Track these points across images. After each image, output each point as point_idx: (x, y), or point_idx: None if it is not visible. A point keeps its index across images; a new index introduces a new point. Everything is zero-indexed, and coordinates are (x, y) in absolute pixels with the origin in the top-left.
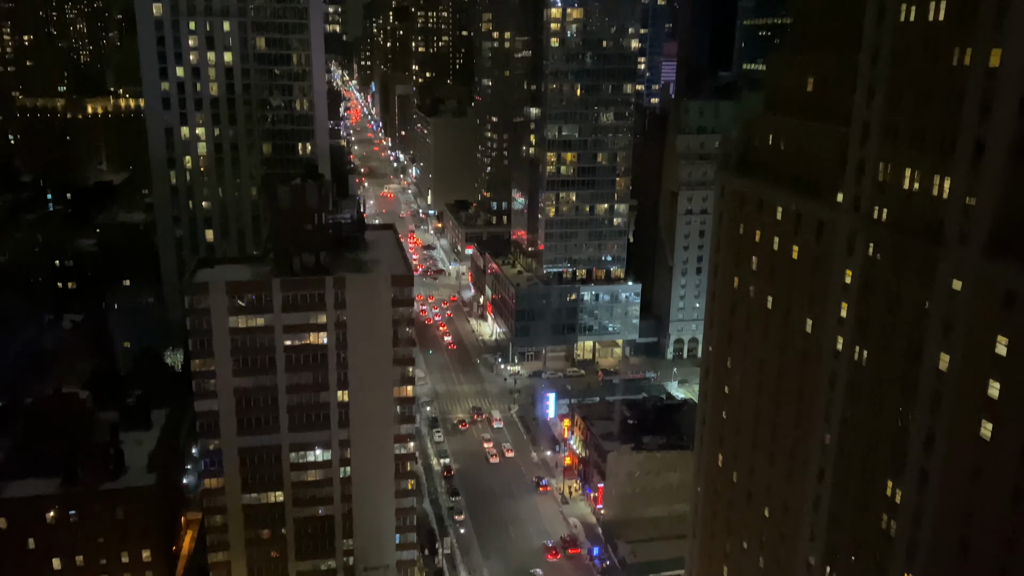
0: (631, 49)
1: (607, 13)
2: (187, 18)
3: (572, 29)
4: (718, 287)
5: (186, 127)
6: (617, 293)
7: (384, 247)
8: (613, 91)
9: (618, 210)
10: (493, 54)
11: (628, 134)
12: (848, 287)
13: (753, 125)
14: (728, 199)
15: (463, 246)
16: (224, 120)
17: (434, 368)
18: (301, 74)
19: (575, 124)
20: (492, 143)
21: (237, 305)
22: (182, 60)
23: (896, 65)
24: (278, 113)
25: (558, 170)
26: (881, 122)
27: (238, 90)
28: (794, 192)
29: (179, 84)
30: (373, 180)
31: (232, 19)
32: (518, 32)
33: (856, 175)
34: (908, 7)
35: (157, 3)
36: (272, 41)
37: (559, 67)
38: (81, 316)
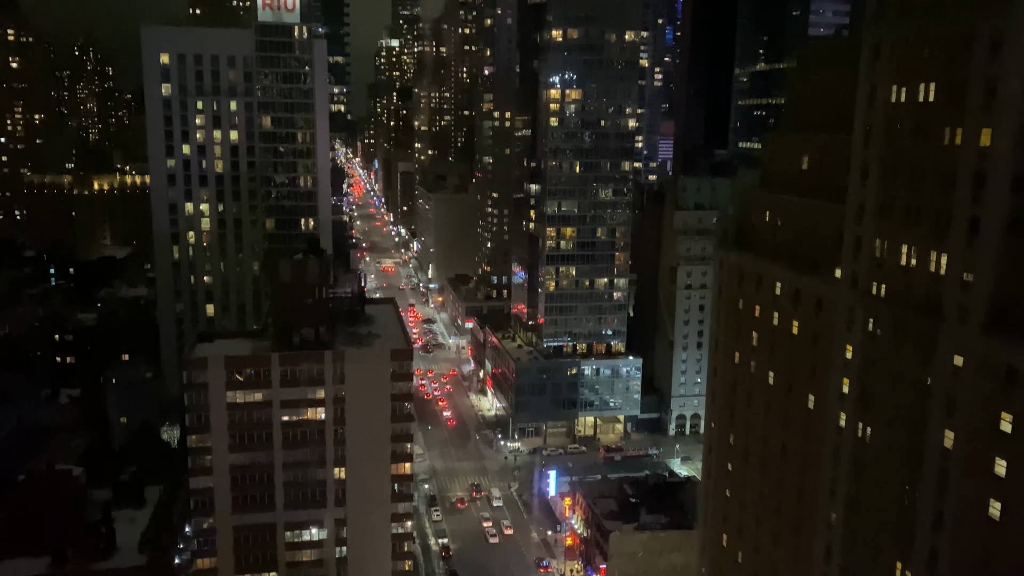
0: (628, 128)
1: (605, 94)
2: (195, 98)
3: (571, 109)
4: (719, 362)
5: (190, 203)
6: (618, 368)
7: (384, 321)
8: (611, 168)
9: (618, 284)
10: (494, 132)
11: (627, 210)
12: (849, 363)
13: (750, 202)
14: (726, 274)
15: (463, 320)
16: (228, 196)
17: (433, 444)
18: (306, 152)
19: (574, 200)
20: (492, 218)
21: (235, 380)
22: (189, 138)
23: (888, 145)
24: (282, 189)
25: (558, 245)
26: (876, 200)
27: (243, 167)
28: (792, 267)
29: (185, 161)
30: (375, 254)
31: (239, 99)
32: (518, 112)
33: (853, 251)
34: (898, 89)
35: (166, 84)
36: (278, 120)
37: (558, 145)
38: (78, 391)
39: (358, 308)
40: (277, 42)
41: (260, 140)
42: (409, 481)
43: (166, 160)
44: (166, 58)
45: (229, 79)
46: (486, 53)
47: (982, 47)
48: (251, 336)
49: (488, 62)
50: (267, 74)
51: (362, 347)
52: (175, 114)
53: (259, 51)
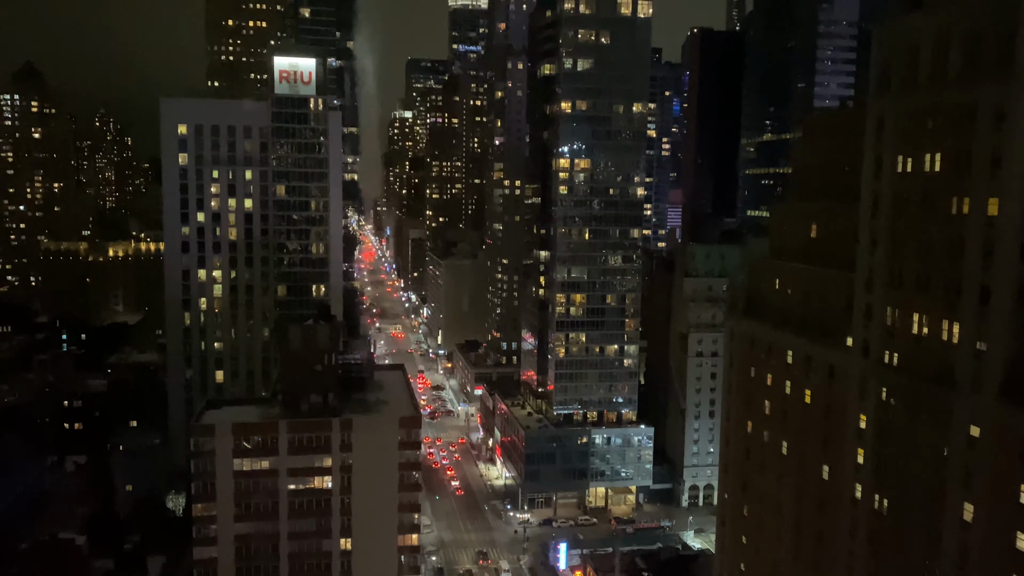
0: (637, 196)
1: (613, 163)
2: (211, 167)
3: (580, 177)
4: (731, 432)
5: (203, 270)
6: (629, 437)
7: (393, 387)
8: (620, 235)
9: (628, 351)
10: (504, 200)
11: (636, 277)
12: (863, 432)
13: (759, 270)
14: (737, 342)
15: (472, 387)
16: (241, 263)
17: (440, 515)
18: (318, 219)
19: (584, 267)
20: (502, 285)
21: (242, 447)
22: (204, 206)
23: (896, 214)
24: (294, 256)
25: (567, 311)
26: (885, 268)
27: (256, 234)
28: (803, 335)
29: (199, 228)
30: (385, 320)
31: (254, 168)
32: (528, 180)
33: (864, 320)
34: (904, 159)
35: (183, 153)
36: (292, 189)
37: (568, 213)
38: (84, 458)
39: (367, 375)
40: (293, 113)
41: (274, 208)
42: (416, 553)
43: (181, 227)
44: (184, 128)
45: (245, 149)
46: (496, 124)
47: (986, 118)
48: (260, 403)
49: (499, 132)
50: (283, 144)
51: (370, 414)
52: (191, 183)
53: (275, 122)
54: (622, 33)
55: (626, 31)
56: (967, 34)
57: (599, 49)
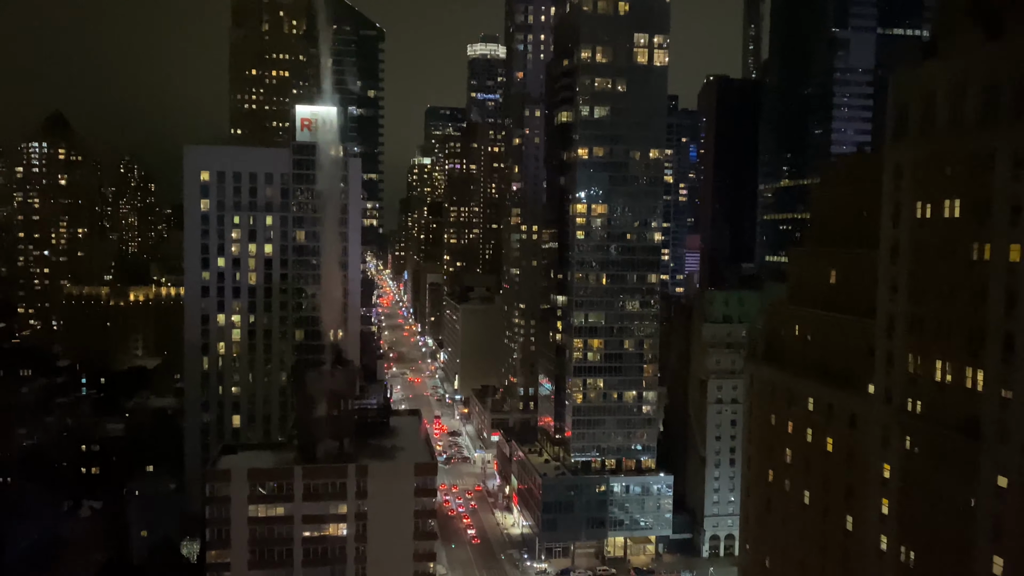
0: (654, 241)
1: (630, 208)
2: (232, 213)
3: (597, 223)
4: (752, 480)
5: (222, 314)
6: (648, 485)
7: (409, 433)
8: (638, 280)
9: (647, 398)
10: (521, 245)
11: (654, 322)
12: (887, 482)
13: (778, 316)
14: (757, 389)
15: (489, 432)
16: (260, 307)
17: (456, 564)
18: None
19: (601, 312)
20: (519, 329)
21: (258, 493)
22: (224, 251)
23: (916, 260)
24: (312, 301)
25: (585, 356)
26: (906, 315)
27: (275, 279)
28: (824, 382)
29: (219, 273)
30: (401, 365)
31: (275, 214)
32: (545, 225)
33: (885, 367)
34: (923, 205)
35: (205, 199)
36: (311, 234)
37: (585, 257)
38: (100, 503)
39: (383, 420)
40: (314, 160)
41: (293, 253)
42: None
43: (201, 272)
44: (206, 175)
45: (266, 195)
46: (514, 170)
47: (1004, 165)
48: (276, 448)
49: (516, 178)
50: (303, 190)
51: (386, 461)
52: (212, 228)
53: (296, 169)
54: (638, 81)
55: (642, 79)
56: (984, 81)
57: (616, 97)
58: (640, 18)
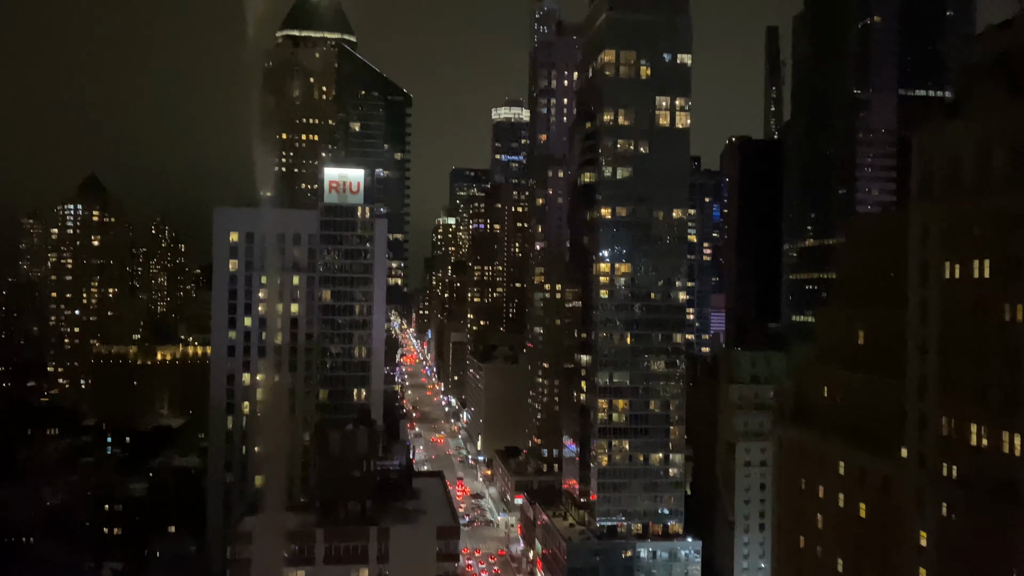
0: (679, 301)
1: (654, 268)
2: (260, 273)
3: (621, 282)
4: (782, 547)
5: (248, 373)
6: (676, 551)
7: (431, 495)
8: (663, 340)
9: (673, 460)
10: (544, 304)
11: (680, 382)
12: (924, 551)
13: (806, 376)
14: (786, 452)
15: (512, 495)
16: (285, 367)
17: None
18: (362, 323)
19: (626, 372)
20: (543, 389)
21: (279, 556)
22: (251, 311)
23: (946, 321)
24: (336, 360)
25: (610, 417)
26: (938, 377)
27: (301, 338)
28: (855, 445)
29: (245, 333)
30: (424, 425)
31: (302, 273)
32: (568, 284)
33: (918, 430)
34: (952, 265)
35: (234, 260)
36: (337, 293)
37: (608, 317)
38: (121, 565)
39: (405, 481)
40: (341, 221)
41: (319, 312)
42: None
43: (228, 332)
44: (235, 236)
45: (294, 255)
46: (537, 229)
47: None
48: (298, 509)
49: (539, 237)
50: (330, 251)
51: (408, 524)
52: (240, 288)
53: (323, 229)
54: (661, 142)
55: (665, 140)
56: (1010, 141)
57: (638, 158)
58: (662, 82)
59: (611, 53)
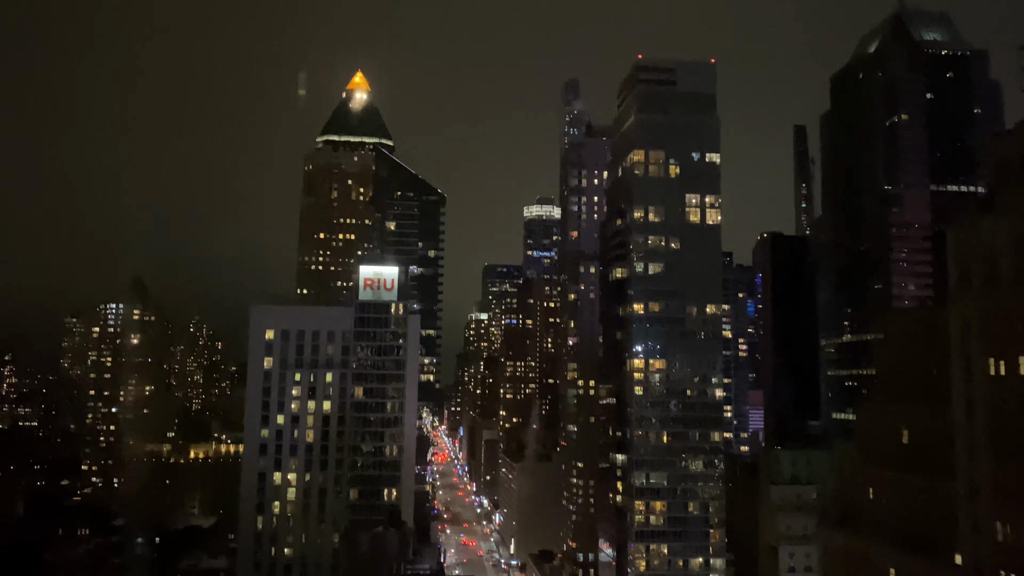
0: (716, 398)
1: (689, 364)
2: (294, 370)
3: (655, 378)
4: None
5: (279, 472)
6: None
7: None
8: (700, 439)
9: (714, 565)
10: (578, 401)
11: (719, 483)
12: None
13: (850, 477)
14: (832, 557)
15: None
16: (315, 466)
17: None
18: (394, 421)
19: (663, 472)
20: (577, 490)
21: None
22: (284, 409)
23: (994, 420)
24: (367, 459)
25: (647, 520)
26: (990, 479)
27: (332, 436)
28: (905, 551)
29: (278, 431)
30: (455, 526)
31: (335, 371)
32: (602, 380)
33: (971, 535)
34: (996, 361)
35: (269, 357)
36: (370, 391)
37: (643, 414)
38: None
39: None
40: (374, 318)
41: (351, 410)
42: None
43: (260, 430)
44: (271, 334)
45: (327, 352)
46: (570, 325)
47: None
48: None
49: (571, 333)
50: (363, 347)
51: None
52: (274, 386)
53: (357, 326)
54: (692, 239)
55: (696, 237)
56: None
57: (670, 254)
58: (691, 180)
59: (640, 153)
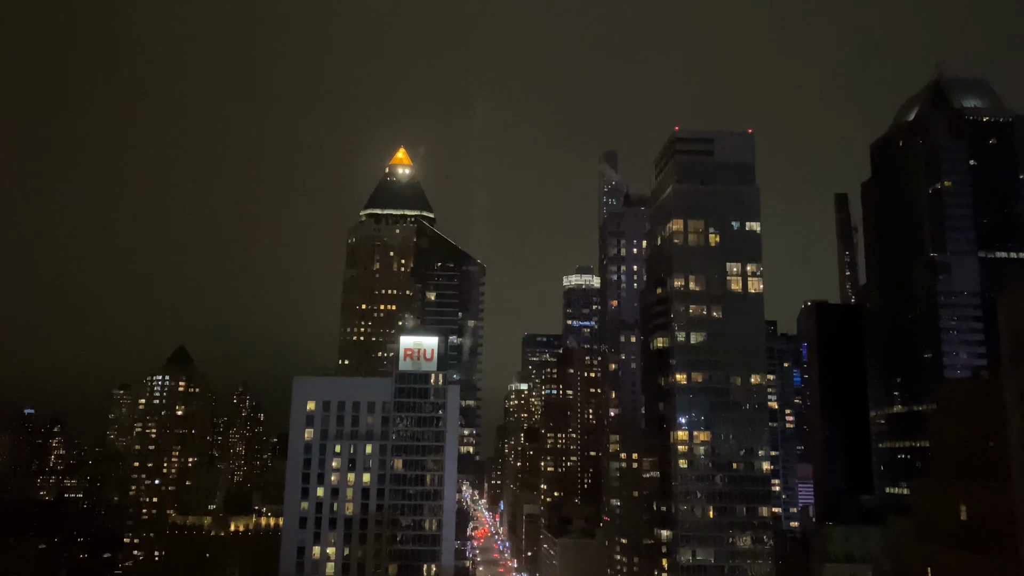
0: (763, 471)
1: (735, 436)
2: (335, 442)
3: (700, 451)
4: None
5: (318, 546)
6: None
7: None
8: (748, 514)
9: None
10: (621, 474)
11: (769, 560)
12: None
13: (907, 556)
14: None
15: None
16: (355, 539)
17: None
18: (433, 494)
19: (710, 548)
20: (622, 567)
21: None
22: (324, 481)
23: None
24: (407, 532)
25: None
26: None
27: (371, 509)
28: None
29: (317, 504)
30: None
31: (375, 442)
32: (645, 452)
33: None
34: None
35: (310, 429)
36: (409, 463)
37: (688, 488)
38: None
39: None
40: (414, 388)
41: (391, 482)
42: None
43: (300, 503)
44: (312, 405)
45: (367, 424)
46: (611, 395)
47: None
48: None
49: (613, 404)
50: (403, 418)
51: None
52: (314, 458)
53: (397, 397)
54: (734, 308)
55: (738, 305)
56: None
57: (712, 323)
58: (732, 248)
59: (679, 222)
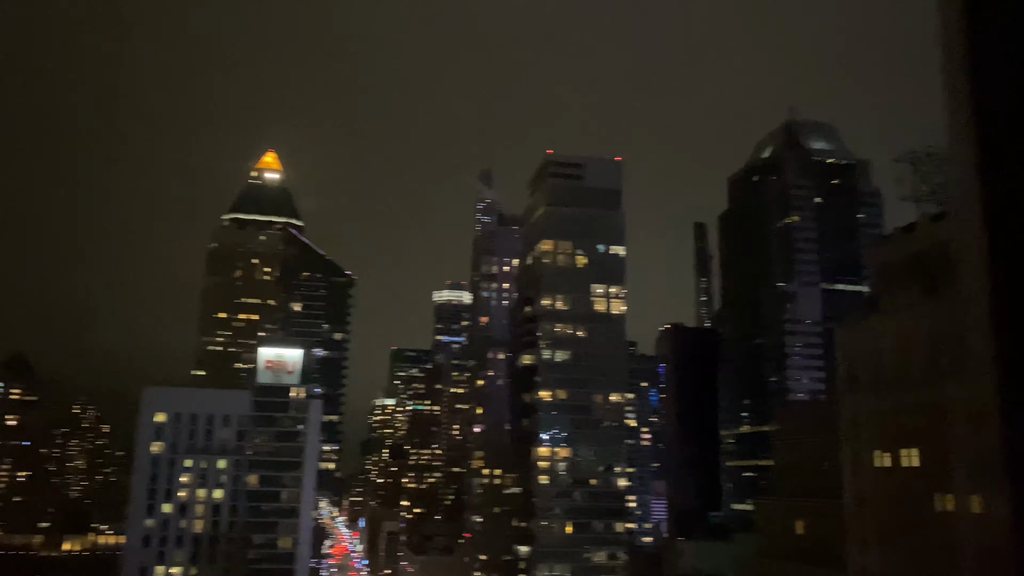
0: (619, 487)
1: (594, 452)
2: (184, 456)
3: (560, 467)
4: None
5: (162, 566)
6: None
7: None
8: (604, 529)
9: None
10: (484, 490)
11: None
12: None
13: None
14: None
15: None
16: (203, 559)
17: None
18: (289, 511)
19: (567, 564)
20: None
21: None
22: (171, 497)
23: (882, 511)
24: (260, 551)
25: None
26: (880, 571)
27: (223, 527)
28: None
29: (164, 521)
30: None
31: (229, 457)
32: (509, 469)
33: None
34: (882, 455)
35: (159, 442)
36: (265, 478)
37: (548, 504)
38: None
39: None
40: (274, 402)
41: (245, 499)
42: None
43: (145, 520)
44: (162, 417)
45: (221, 438)
46: (477, 411)
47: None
48: None
49: (479, 420)
50: (260, 432)
51: None
52: (161, 472)
53: (255, 410)
54: (598, 328)
55: (602, 326)
56: (927, 335)
57: (577, 341)
58: (597, 271)
59: (549, 243)
